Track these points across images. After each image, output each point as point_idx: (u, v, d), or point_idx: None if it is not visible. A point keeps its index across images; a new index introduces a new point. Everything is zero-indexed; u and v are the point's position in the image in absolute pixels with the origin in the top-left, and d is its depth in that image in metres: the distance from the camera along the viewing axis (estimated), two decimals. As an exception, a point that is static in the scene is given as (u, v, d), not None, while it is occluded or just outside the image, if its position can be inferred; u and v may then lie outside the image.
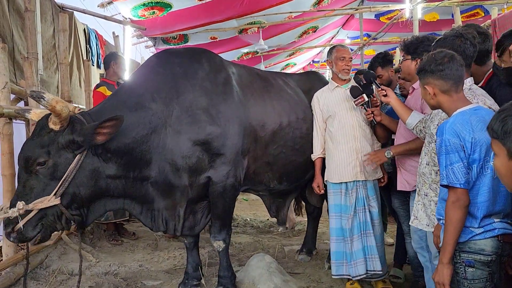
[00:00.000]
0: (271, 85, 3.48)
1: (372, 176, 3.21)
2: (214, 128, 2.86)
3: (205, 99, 2.90)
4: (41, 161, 2.42)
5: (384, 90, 2.74)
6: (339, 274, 3.19)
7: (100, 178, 2.60)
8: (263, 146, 3.23)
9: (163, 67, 3.01)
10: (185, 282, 3.19)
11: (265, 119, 3.22)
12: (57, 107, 2.34)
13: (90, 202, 2.64)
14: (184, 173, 2.83)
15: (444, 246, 1.75)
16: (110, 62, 4.66)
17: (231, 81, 3.12)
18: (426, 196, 2.22)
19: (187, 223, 3.02)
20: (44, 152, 2.42)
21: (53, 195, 2.41)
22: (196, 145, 2.81)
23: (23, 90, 3.62)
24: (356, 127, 3.20)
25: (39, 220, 2.43)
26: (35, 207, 2.38)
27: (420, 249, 2.70)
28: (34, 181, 2.44)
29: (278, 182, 3.45)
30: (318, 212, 4.29)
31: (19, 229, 2.37)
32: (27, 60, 3.55)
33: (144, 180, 2.80)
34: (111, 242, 4.39)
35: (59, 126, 2.44)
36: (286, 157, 3.38)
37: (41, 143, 2.44)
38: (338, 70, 3.28)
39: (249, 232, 5.48)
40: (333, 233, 3.22)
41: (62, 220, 2.52)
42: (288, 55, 12.53)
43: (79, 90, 5.61)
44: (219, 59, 3.25)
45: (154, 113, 2.77)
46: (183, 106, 2.83)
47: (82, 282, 3.14)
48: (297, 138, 3.42)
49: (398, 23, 8.37)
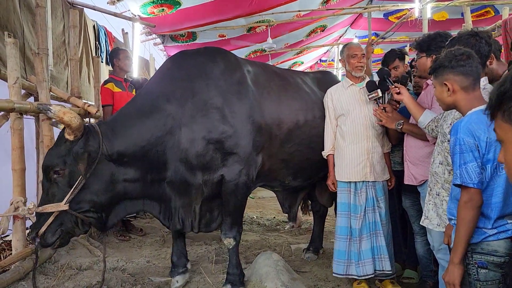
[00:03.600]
0: (288, 83, 3.48)
1: (381, 177, 3.20)
2: (227, 127, 2.88)
3: (219, 99, 2.93)
4: (58, 170, 2.54)
5: (397, 88, 2.73)
6: (338, 273, 3.17)
7: (117, 183, 2.70)
8: (279, 144, 3.24)
9: (178, 68, 3.07)
10: (172, 270, 3.26)
11: (281, 117, 3.23)
12: (65, 118, 2.43)
13: (109, 206, 2.73)
14: (198, 171, 2.88)
15: (455, 246, 1.73)
16: (113, 60, 4.67)
17: (246, 80, 3.13)
18: (438, 195, 2.20)
19: (203, 220, 3.08)
20: (61, 161, 2.54)
21: (64, 202, 2.52)
22: (209, 144, 2.85)
23: (33, 86, 3.64)
24: (369, 127, 3.18)
25: (58, 227, 2.57)
26: (44, 209, 2.51)
27: None
28: (54, 189, 2.57)
29: (293, 178, 3.49)
30: (324, 211, 4.29)
31: (42, 235, 2.53)
32: (38, 56, 3.56)
33: (161, 181, 2.86)
34: (118, 238, 4.41)
35: (73, 136, 2.54)
36: (302, 154, 3.39)
37: (58, 152, 2.58)
38: (351, 68, 3.26)
39: (256, 230, 5.48)
40: (338, 231, 3.21)
41: (79, 225, 2.64)
42: (295, 54, 12.50)
43: (88, 87, 5.64)
44: (234, 58, 3.26)
45: (169, 114, 2.82)
46: (197, 106, 2.87)
47: (90, 277, 3.18)
48: (314, 137, 3.42)
49: (407, 22, 8.32)
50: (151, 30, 7.52)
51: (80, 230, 2.68)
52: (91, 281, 3.09)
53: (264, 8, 7.77)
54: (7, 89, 3.16)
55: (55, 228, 2.55)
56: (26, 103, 3.17)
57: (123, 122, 2.79)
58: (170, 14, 6.77)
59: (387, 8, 8.55)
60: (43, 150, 3.45)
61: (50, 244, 2.58)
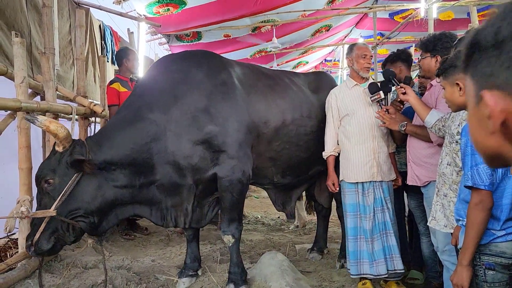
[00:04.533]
0: (276, 83, 3.52)
1: (387, 177, 3.19)
2: (212, 127, 2.95)
3: (204, 100, 3.00)
4: (48, 179, 2.68)
5: (403, 88, 2.72)
6: (356, 274, 3.16)
7: (107, 189, 2.81)
8: (266, 142, 3.29)
9: (162, 75, 3.17)
10: (182, 271, 3.31)
11: (268, 116, 3.28)
12: (51, 127, 2.59)
13: (99, 212, 2.82)
14: (188, 172, 2.96)
15: (464, 248, 1.72)
16: (122, 59, 4.67)
17: (232, 80, 3.19)
18: (446, 196, 2.19)
19: (194, 216, 3.14)
20: (51, 171, 2.68)
21: (52, 208, 2.64)
22: (196, 145, 2.93)
23: (39, 85, 3.66)
24: (374, 127, 3.18)
25: (51, 234, 2.68)
26: (35, 215, 2.65)
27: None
28: (46, 199, 2.70)
29: (281, 176, 3.52)
30: (328, 211, 4.29)
31: (36, 243, 2.64)
32: (44, 55, 3.58)
33: (150, 184, 2.95)
34: (124, 237, 4.42)
35: (61, 148, 2.69)
36: (290, 153, 3.44)
37: (48, 164, 2.72)
38: (359, 68, 3.25)
39: (260, 230, 5.48)
40: (348, 232, 3.20)
41: (70, 231, 2.75)
42: (300, 53, 12.48)
43: (94, 86, 5.66)
44: (219, 60, 3.33)
45: (152, 121, 2.91)
46: (182, 110, 2.96)
47: (95, 275, 3.19)
48: (301, 135, 3.48)
49: (412, 22, 8.28)
50: (157, 30, 7.53)
51: (72, 237, 2.78)
52: (97, 279, 3.10)
53: (269, 8, 7.76)
54: (13, 88, 3.17)
55: (48, 235, 2.67)
56: (33, 102, 3.18)
57: (108, 132, 2.92)
58: (176, 13, 6.77)
59: (392, 8, 8.52)
60: (49, 149, 3.47)
61: (45, 251, 2.70)
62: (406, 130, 2.85)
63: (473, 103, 0.75)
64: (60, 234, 2.71)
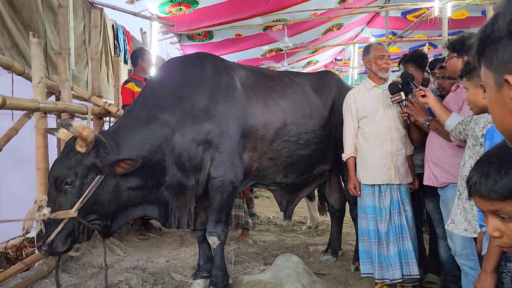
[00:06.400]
0: (276, 84, 3.56)
1: (405, 179, 3.16)
2: (213, 126, 3.00)
3: (207, 102, 3.06)
4: (69, 181, 2.63)
5: (422, 91, 2.68)
6: (379, 278, 3.11)
7: (122, 192, 2.79)
8: (267, 144, 3.32)
9: (168, 76, 3.23)
10: (196, 273, 3.32)
11: (268, 117, 3.32)
12: (83, 133, 2.55)
13: (113, 214, 2.83)
14: (191, 173, 3.01)
15: (488, 254, 1.69)
16: (137, 59, 4.69)
17: (234, 83, 3.24)
18: (468, 200, 2.15)
19: (199, 218, 3.17)
20: (72, 173, 2.63)
21: (73, 210, 2.60)
22: (198, 146, 2.98)
23: (55, 85, 3.67)
24: (393, 129, 3.14)
25: (68, 236, 2.64)
26: (58, 216, 2.57)
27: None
28: (63, 198, 2.64)
29: (283, 175, 3.52)
30: (341, 212, 4.26)
31: (50, 243, 2.58)
32: (60, 56, 3.59)
33: (160, 186, 2.97)
34: (138, 237, 4.44)
35: (85, 149, 2.64)
36: (290, 151, 3.45)
37: (69, 164, 2.64)
38: (377, 69, 3.20)
39: (273, 231, 5.47)
40: (370, 235, 3.15)
41: (84, 233, 2.73)
42: (311, 52, 12.43)
43: (107, 86, 5.68)
44: (221, 63, 3.39)
45: (164, 122, 2.94)
46: (186, 111, 3.00)
47: (111, 276, 3.20)
48: (302, 134, 3.49)
49: (425, 21, 8.22)
50: (169, 30, 7.55)
51: (84, 239, 2.76)
52: (113, 279, 3.11)
53: (281, 7, 7.74)
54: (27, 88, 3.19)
55: (64, 237, 2.62)
56: (50, 102, 3.20)
57: (125, 134, 2.89)
58: (188, 13, 6.79)
59: (405, 6, 8.45)
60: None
61: (59, 252, 2.66)
62: (430, 125, 2.82)
63: (494, 90, 0.82)
64: (75, 236, 2.70)
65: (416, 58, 3.57)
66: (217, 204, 3.05)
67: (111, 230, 2.89)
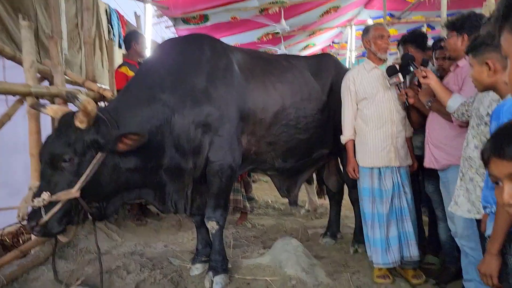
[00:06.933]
0: (274, 67, 3.50)
1: (405, 162, 3.12)
2: (213, 109, 2.94)
3: (206, 83, 2.99)
4: (67, 158, 2.47)
5: (423, 71, 2.63)
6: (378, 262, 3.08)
7: (120, 173, 2.69)
8: (265, 127, 3.27)
9: (167, 56, 3.12)
10: (195, 257, 3.30)
11: (266, 101, 3.27)
12: (88, 108, 2.41)
13: (110, 195, 2.74)
14: (189, 156, 2.94)
15: (494, 236, 1.65)
16: (131, 43, 4.59)
17: (232, 66, 3.17)
18: (472, 181, 2.12)
19: (195, 203, 3.12)
20: (71, 150, 2.48)
21: (75, 189, 2.46)
22: (197, 128, 2.91)
23: (47, 70, 3.60)
24: (393, 111, 3.09)
25: (64, 216, 2.49)
26: (59, 198, 2.43)
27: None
28: (60, 177, 2.49)
29: (282, 160, 3.49)
30: (340, 195, 4.25)
31: (44, 223, 2.42)
32: (52, 39, 3.51)
33: (159, 168, 2.89)
34: (135, 222, 4.41)
35: (85, 125, 2.49)
36: (289, 135, 3.41)
37: (68, 141, 2.48)
38: (377, 49, 3.14)
39: (271, 214, 5.46)
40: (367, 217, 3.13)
41: (80, 214, 2.60)
42: (308, 35, 12.28)
43: (101, 70, 5.58)
44: (220, 45, 3.31)
45: (164, 103, 2.86)
46: (186, 92, 2.93)
47: (109, 261, 3.18)
48: (300, 118, 3.45)
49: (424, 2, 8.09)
50: (163, 13, 7.41)
51: (78, 220, 2.61)
52: (111, 265, 3.09)
53: (278, -10, 7.60)
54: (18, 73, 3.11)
55: (60, 217, 2.47)
56: (42, 87, 3.13)
57: (125, 112, 2.77)
58: (183, -4, 6.65)
59: (404, -13, 8.31)
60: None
61: (54, 233, 2.52)
62: (431, 107, 2.77)
63: None
64: (71, 217, 2.54)
65: (416, 38, 3.51)
66: (215, 188, 3.01)
67: (107, 212, 2.79)
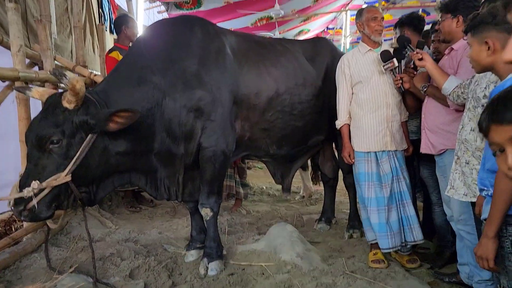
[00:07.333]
0: (268, 51, 3.43)
1: (400, 146, 3.10)
2: (205, 93, 2.88)
3: (198, 67, 2.92)
4: (55, 140, 2.39)
5: (419, 54, 2.59)
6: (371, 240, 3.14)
7: (110, 156, 2.62)
8: (259, 113, 3.21)
9: (158, 38, 3.03)
10: (189, 244, 3.28)
11: (260, 86, 3.20)
12: (77, 86, 2.33)
13: (100, 179, 2.67)
14: (181, 141, 2.89)
15: (490, 218, 1.64)
16: (121, 27, 4.50)
17: (224, 49, 3.10)
18: (468, 164, 2.10)
19: (186, 189, 3.07)
20: (59, 131, 2.39)
21: (65, 173, 2.39)
22: (189, 112, 2.85)
23: (37, 54, 3.52)
24: (389, 95, 3.05)
25: (53, 200, 2.42)
26: (49, 184, 2.35)
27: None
28: (47, 160, 2.41)
29: (277, 147, 3.44)
30: (335, 181, 4.24)
31: (32, 208, 2.34)
32: (41, 23, 3.41)
33: (150, 152, 2.84)
34: (129, 209, 4.38)
35: (73, 105, 2.41)
36: (284, 122, 3.36)
37: (56, 121, 2.40)
38: (370, 31, 3.09)
39: (266, 201, 5.46)
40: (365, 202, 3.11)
41: (70, 199, 2.53)
42: (302, 21, 12.16)
43: (92, 56, 5.49)
44: (212, 28, 3.23)
45: (155, 85, 2.80)
46: (177, 74, 2.86)
47: (103, 248, 3.16)
48: (296, 104, 3.39)
49: (419, -14, 8.02)
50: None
51: (67, 204, 2.54)
52: (104, 252, 3.06)
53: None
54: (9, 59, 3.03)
55: (49, 202, 2.39)
56: (31, 71, 3.06)
57: (115, 94, 2.70)
58: (175, -21, 6.53)
59: (399, -29, 8.22)
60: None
61: (42, 218, 2.44)
62: (427, 92, 2.74)
63: None
64: (60, 201, 2.46)
65: (412, 21, 3.46)
66: (209, 175, 2.97)
67: (97, 197, 2.72)
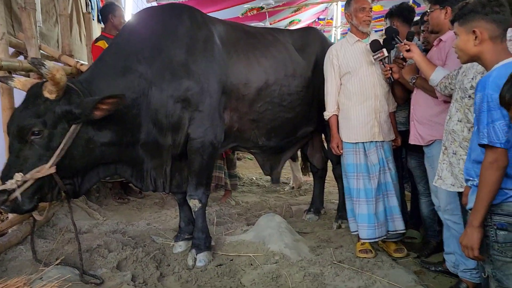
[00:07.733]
0: (258, 41, 3.39)
1: (388, 137, 3.11)
2: (192, 83, 2.84)
3: (185, 56, 2.88)
4: (37, 131, 2.34)
5: (407, 45, 2.58)
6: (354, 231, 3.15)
7: (95, 147, 2.57)
8: (248, 104, 3.19)
9: (144, 26, 2.97)
10: (178, 235, 3.28)
11: (249, 76, 3.17)
12: (57, 76, 2.27)
13: (84, 171, 2.63)
14: (168, 132, 2.86)
15: (476, 208, 1.65)
16: (108, 15, 4.42)
17: (213, 38, 3.05)
18: (455, 154, 2.11)
19: (174, 181, 3.06)
20: (40, 121, 2.34)
21: (49, 165, 2.35)
22: (176, 103, 2.82)
23: (21, 43, 3.44)
24: (377, 86, 3.05)
25: (36, 192, 2.38)
26: (33, 176, 2.32)
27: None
28: (29, 151, 2.37)
29: (266, 138, 3.42)
30: (323, 172, 4.24)
31: (15, 199, 2.31)
32: (25, 11, 3.33)
33: (135, 144, 2.80)
34: (117, 200, 4.35)
35: (55, 95, 2.36)
36: (273, 113, 3.33)
37: (36, 112, 2.35)
38: (358, 22, 3.07)
39: (255, 191, 5.46)
40: (352, 193, 3.12)
41: (54, 191, 2.49)
42: (293, 11, 12.09)
43: (79, 45, 5.39)
44: (201, 16, 3.17)
45: (141, 74, 2.75)
46: (164, 64, 2.81)
47: (90, 240, 3.14)
48: (285, 95, 3.37)
49: (410, -23, 7.99)
50: (144, -14, 7.16)
51: (52, 196, 2.50)
52: (92, 244, 3.04)
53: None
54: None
55: (32, 194, 2.35)
56: (14, 60, 2.99)
57: (99, 83, 2.64)
58: (164, -33, 6.43)
59: (390, -39, 8.17)
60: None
61: (24, 210, 2.40)
62: (415, 83, 2.75)
63: None
64: (44, 193, 2.43)
65: (402, 12, 3.45)
66: (197, 166, 2.95)
67: (81, 189, 2.67)
